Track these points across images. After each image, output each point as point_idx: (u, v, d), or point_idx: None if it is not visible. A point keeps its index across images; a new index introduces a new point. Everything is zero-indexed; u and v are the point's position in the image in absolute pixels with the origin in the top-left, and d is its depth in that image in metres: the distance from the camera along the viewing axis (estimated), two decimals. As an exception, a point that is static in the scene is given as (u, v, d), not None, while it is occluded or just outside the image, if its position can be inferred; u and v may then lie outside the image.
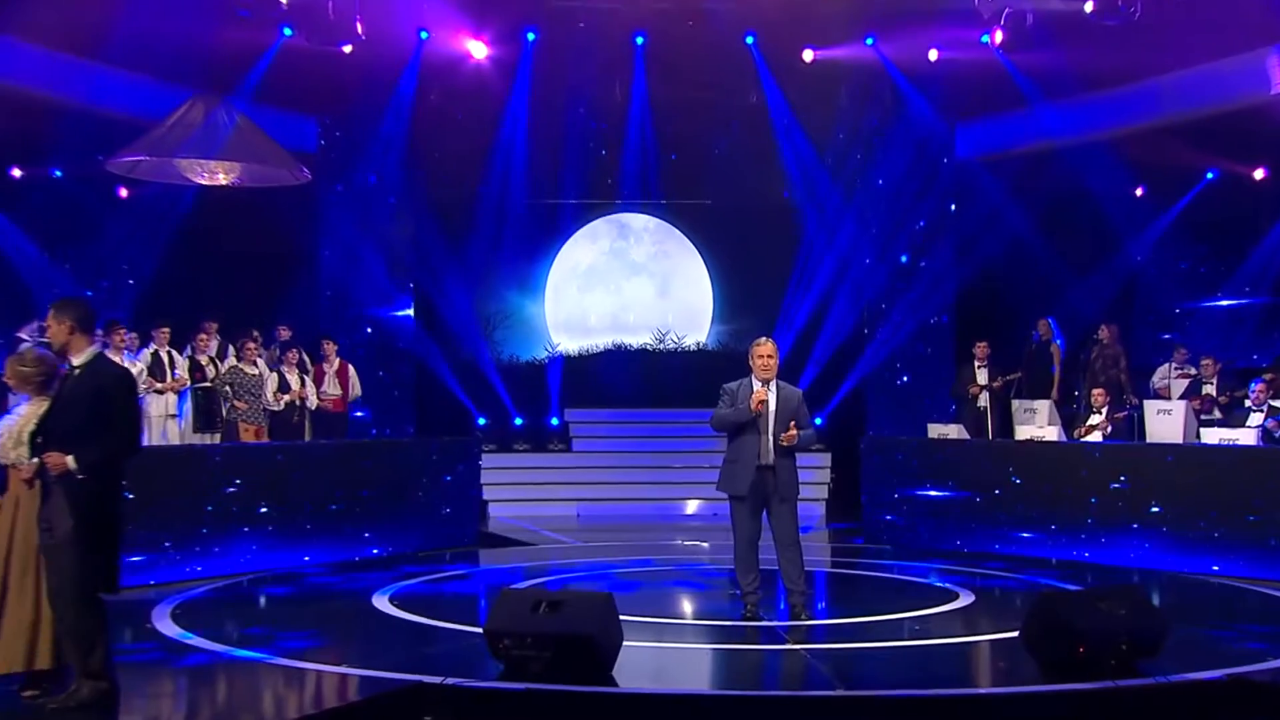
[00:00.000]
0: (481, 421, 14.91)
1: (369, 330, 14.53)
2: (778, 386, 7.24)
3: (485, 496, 13.45)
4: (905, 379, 14.98)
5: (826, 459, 14.40)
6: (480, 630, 6.16)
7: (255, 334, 12.18)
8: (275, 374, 11.97)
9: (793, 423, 7.18)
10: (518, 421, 15.12)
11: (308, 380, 12.30)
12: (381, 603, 8.06)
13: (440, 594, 8.75)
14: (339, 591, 8.76)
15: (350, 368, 12.79)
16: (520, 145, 15.24)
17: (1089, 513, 10.18)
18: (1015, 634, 6.30)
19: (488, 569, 10.33)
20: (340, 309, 14.46)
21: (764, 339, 7.32)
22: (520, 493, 14.17)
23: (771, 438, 7.14)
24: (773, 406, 7.18)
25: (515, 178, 15.41)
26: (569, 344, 16.24)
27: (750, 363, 7.27)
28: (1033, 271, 14.53)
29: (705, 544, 11.55)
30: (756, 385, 7.20)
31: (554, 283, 16.56)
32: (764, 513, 7.27)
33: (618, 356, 16.03)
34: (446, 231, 15.07)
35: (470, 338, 15.27)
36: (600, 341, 16.20)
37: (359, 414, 13.68)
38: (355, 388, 12.80)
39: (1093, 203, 14.46)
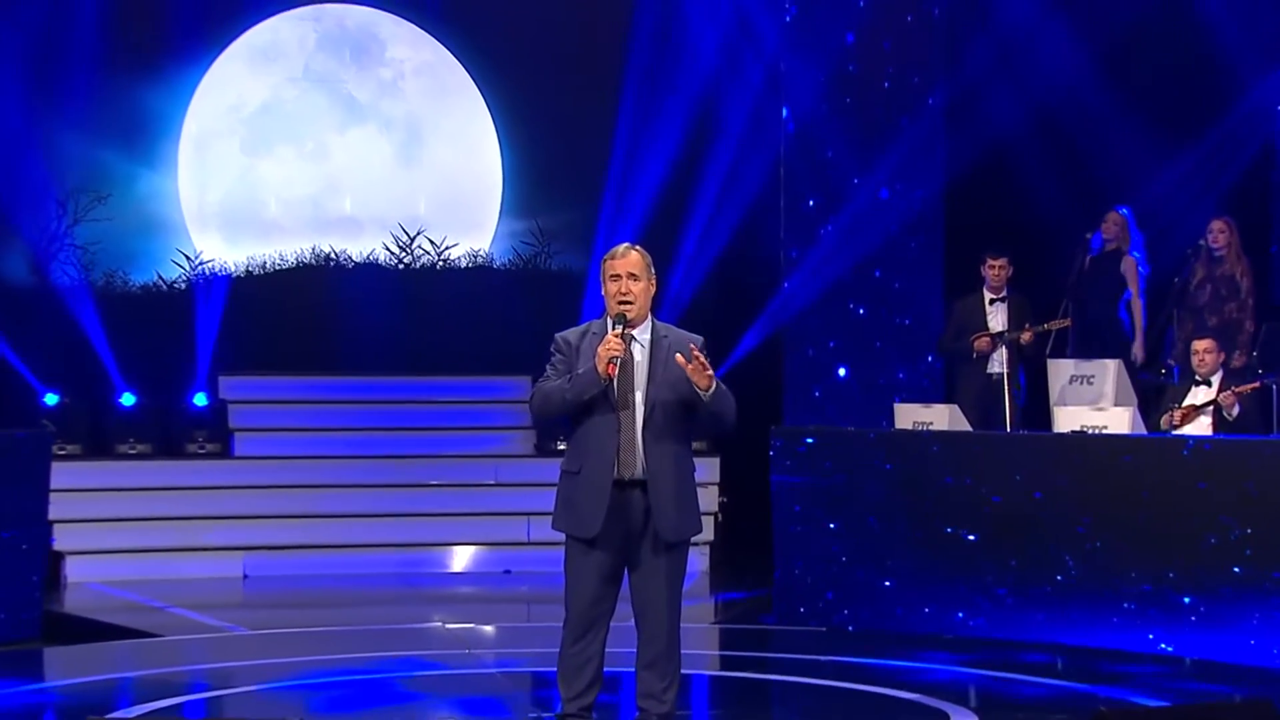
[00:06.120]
0: (51, 400, 14.77)
1: None
2: (655, 334, 7.38)
3: (59, 544, 13.53)
4: (836, 342, 15.11)
5: (712, 468, 14.61)
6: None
7: None
8: None
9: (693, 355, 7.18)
10: (126, 400, 15.04)
11: None
12: None
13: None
14: None
15: None
16: None
17: (1185, 564, 10.40)
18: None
19: (57, 685, 10.27)
20: None
21: (624, 247, 7.49)
22: (131, 536, 14.18)
23: (641, 427, 7.26)
24: (641, 366, 7.31)
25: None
26: (228, 254, 16.22)
27: (603, 290, 7.40)
28: (1087, 137, 14.80)
29: (488, 627, 11.73)
30: (613, 330, 7.26)
31: (195, 136, 16.48)
32: (625, 568, 7.41)
33: (322, 279, 16.09)
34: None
35: (28, 240, 15.24)
36: (288, 250, 16.27)
37: None
38: None
39: (1194, 13, 14.74)
